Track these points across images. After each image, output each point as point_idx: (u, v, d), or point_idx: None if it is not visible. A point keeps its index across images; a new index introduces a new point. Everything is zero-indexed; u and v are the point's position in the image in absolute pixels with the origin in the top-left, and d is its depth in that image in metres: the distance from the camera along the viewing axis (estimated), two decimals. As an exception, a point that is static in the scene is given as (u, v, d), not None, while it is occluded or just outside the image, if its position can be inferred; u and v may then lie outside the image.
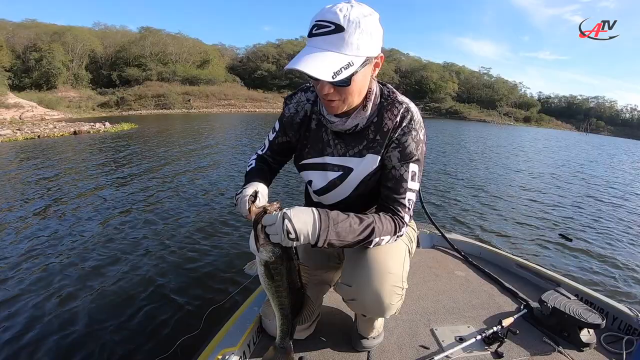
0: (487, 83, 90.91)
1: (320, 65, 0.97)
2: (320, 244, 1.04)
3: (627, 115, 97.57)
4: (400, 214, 1.22)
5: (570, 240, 4.98)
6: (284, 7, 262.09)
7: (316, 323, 1.65)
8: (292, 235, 0.98)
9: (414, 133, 1.20)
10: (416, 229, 1.67)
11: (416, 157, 1.22)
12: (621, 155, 25.17)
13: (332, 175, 1.32)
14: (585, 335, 1.70)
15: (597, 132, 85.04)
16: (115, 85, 54.35)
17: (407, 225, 1.25)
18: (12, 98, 37.76)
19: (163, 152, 12.23)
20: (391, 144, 1.21)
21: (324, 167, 1.33)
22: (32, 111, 36.60)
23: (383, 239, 1.18)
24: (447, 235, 2.72)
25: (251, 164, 1.43)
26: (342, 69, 0.98)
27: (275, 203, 1.08)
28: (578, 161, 16.80)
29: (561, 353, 1.64)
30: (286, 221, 0.97)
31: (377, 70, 1.15)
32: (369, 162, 1.24)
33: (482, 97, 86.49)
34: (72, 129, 19.30)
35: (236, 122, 31.37)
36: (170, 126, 25.24)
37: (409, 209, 1.24)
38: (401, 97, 1.24)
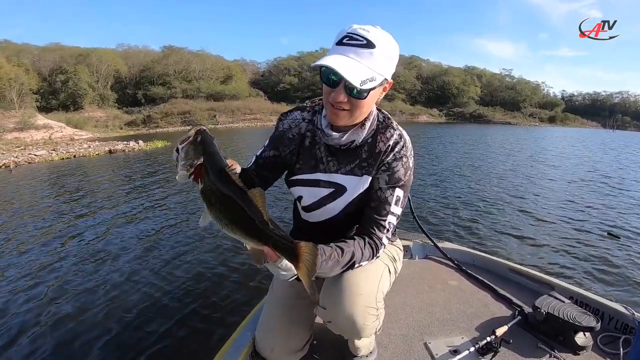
0: (509, 85, 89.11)
1: (351, 69, 1.05)
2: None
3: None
4: (379, 235, 1.26)
5: (619, 238, 5.01)
6: (300, 18, 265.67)
7: (309, 344, 1.61)
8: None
9: (404, 160, 1.27)
10: (401, 248, 1.68)
11: (403, 183, 1.28)
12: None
13: (324, 192, 1.34)
14: (581, 338, 1.70)
15: (624, 128, 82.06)
16: (141, 104, 54.22)
17: (384, 246, 1.30)
18: (41, 119, 37.89)
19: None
20: (382, 166, 1.27)
21: (316, 183, 1.35)
22: (62, 132, 36.41)
23: (362, 264, 1.24)
24: (440, 245, 2.71)
25: None
26: (368, 80, 1.07)
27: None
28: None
29: (557, 358, 1.65)
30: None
31: (383, 95, 1.24)
32: (362, 183, 1.29)
33: (506, 99, 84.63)
34: (106, 148, 19.89)
35: (263, 135, 30.39)
36: None
37: (388, 230, 1.28)
38: (395, 124, 1.31)
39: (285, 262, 0.99)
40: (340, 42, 1.10)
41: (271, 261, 0.98)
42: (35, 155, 17.38)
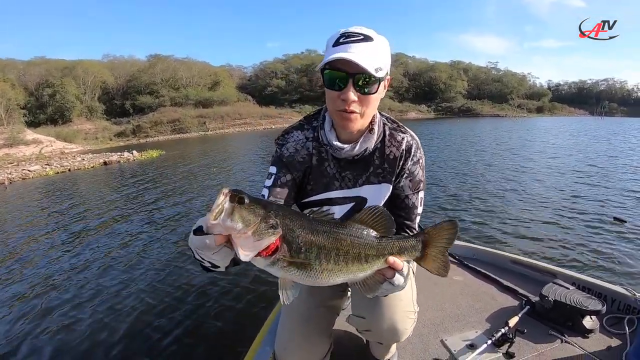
0: (495, 77, 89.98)
1: (362, 59, 1.02)
2: None
3: (639, 94, 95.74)
4: None
5: (625, 222, 5.11)
6: (286, 23, 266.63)
7: (330, 354, 1.52)
8: None
9: (421, 161, 1.29)
10: None
11: (423, 183, 1.31)
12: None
13: (345, 209, 1.31)
14: (588, 321, 1.78)
15: (611, 115, 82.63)
16: (129, 114, 54.12)
17: None
18: (30, 134, 37.69)
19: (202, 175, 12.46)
20: (403, 173, 1.27)
21: (329, 202, 1.31)
22: (52, 146, 36.27)
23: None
24: None
25: None
26: (379, 69, 1.06)
27: None
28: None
29: (568, 343, 1.72)
30: None
31: (385, 92, 1.20)
32: (382, 191, 1.28)
33: (493, 91, 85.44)
34: (101, 160, 19.65)
35: (256, 140, 30.53)
36: (192, 149, 25.88)
37: None
38: (402, 125, 1.31)
39: (405, 268, 0.99)
40: (337, 43, 1.07)
41: (397, 273, 0.96)
42: (29, 170, 17.29)
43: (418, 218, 1.31)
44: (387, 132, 1.27)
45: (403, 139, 1.26)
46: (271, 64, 77.14)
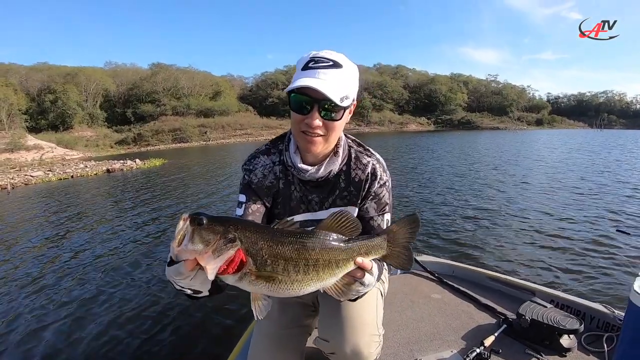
0: (495, 90, 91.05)
1: (329, 87, 1.03)
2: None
3: (638, 106, 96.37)
4: (380, 262, 1.19)
5: (629, 234, 5.10)
6: (285, 35, 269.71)
7: None
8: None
9: (387, 184, 1.29)
10: (386, 267, 1.51)
11: (389, 206, 1.30)
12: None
13: None
14: (566, 340, 1.76)
15: (610, 127, 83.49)
16: (131, 122, 54.28)
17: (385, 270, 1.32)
18: (32, 140, 37.71)
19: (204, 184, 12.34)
20: (368, 196, 1.26)
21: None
22: (53, 152, 36.26)
23: (373, 285, 1.14)
24: (419, 258, 2.72)
25: None
26: (344, 98, 1.07)
27: None
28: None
29: None
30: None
31: (349, 117, 1.21)
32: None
33: (492, 104, 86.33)
34: (104, 167, 19.66)
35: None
36: (194, 158, 25.79)
37: None
38: (368, 148, 1.31)
39: (374, 268, 1.02)
40: (306, 67, 1.08)
41: (367, 273, 0.97)
42: (31, 176, 17.15)
43: None
44: (353, 155, 1.27)
45: (369, 162, 1.26)
46: (272, 75, 77.89)
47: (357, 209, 1.26)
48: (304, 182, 1.27)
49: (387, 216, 1.29)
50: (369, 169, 1.25)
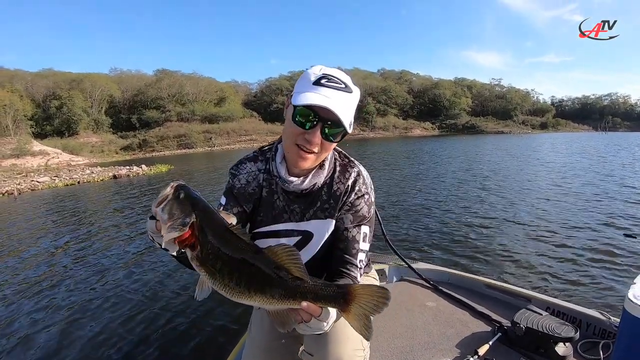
0: (499, 94, 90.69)
1: (341, 111, 1.05)
2: None
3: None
4: (354, 275, 1.22)
5: (635, 237, 5.10)
6: (288, 40, 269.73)
7: None
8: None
9: (366, 197, 1.27)
10: (376, 277, 1.64)
11: (368, 219, 1.27)
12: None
13: (291, 242, 1.30)
14: (562, 347, 1.75)
15: (615, 130, 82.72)
16: (136, 128, 54.57)
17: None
18: (37, 145, 37.93)
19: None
20: (344, 206, 1.25)
21: (277, 234, 1.32)
22: (58, 157, 36.43)
23: None
24: (414, 266, 2.69)
25: None
26: (350, 124, 1.12)
27: None
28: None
29: None
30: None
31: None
32: (327, 226, 1.27)
33: (497, 108, 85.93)
34: (111, 173, 19.76)
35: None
36: (200, 164, 26.24)
37: (360, 268, 1.26)
38: (352, 161, 1.31)
39: (332, 313, 0.95)
40: (318, 82, 1.07)
41: (314, 318, 0.90)
42: (37, 182, 17.16)
43: (361, 254, 1.26)
44: (338, 168, 1.28)
45: (350, 174, 1.26)
46: (277, 81, 77.96)
47: (334, 221, 1.26)
48: (287, 192, 1.27)
49: (365, 229, 1.27)
50: (349, 182, 1.25)
